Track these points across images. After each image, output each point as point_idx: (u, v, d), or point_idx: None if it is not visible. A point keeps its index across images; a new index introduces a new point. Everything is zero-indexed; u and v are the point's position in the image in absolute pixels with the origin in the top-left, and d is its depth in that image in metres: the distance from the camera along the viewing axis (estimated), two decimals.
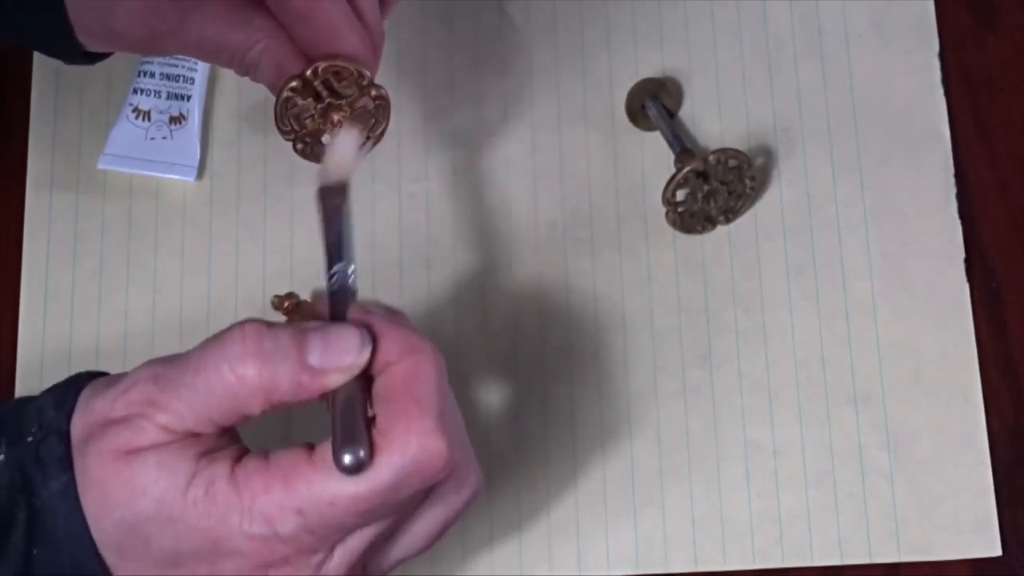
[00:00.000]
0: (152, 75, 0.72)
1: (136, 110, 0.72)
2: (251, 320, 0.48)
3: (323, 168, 0.55)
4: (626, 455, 0.67)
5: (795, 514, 0.67)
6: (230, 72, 0.59)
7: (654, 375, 0.68)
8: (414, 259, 0.70)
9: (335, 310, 0.51)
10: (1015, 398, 0.68)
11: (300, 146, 0.58)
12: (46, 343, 0.69)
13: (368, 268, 0.70)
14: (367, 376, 0.49)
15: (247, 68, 0.58)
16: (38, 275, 0.70)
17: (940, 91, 0.73)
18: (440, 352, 0.49)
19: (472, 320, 0.69)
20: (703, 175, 0.68)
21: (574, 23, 0.74)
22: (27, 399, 0.50)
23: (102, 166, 0.71)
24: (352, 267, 0.52)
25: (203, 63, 0.72)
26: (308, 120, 0.57)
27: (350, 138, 0.57)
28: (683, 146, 0.70)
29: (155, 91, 0.72)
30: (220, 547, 0.47)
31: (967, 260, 0.70)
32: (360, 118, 0.58)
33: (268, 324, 0.48)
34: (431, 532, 0.51)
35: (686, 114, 0.73)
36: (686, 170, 0.68)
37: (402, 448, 0.46)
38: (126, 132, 0.72)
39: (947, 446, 0.67)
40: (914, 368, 0.69)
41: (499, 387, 0.68)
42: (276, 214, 0.71)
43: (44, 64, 0.72)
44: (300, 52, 0.56)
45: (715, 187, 0.69)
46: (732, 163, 0.68)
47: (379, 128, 0.59)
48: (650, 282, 0.70)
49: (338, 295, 0.51)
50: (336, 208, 0.53)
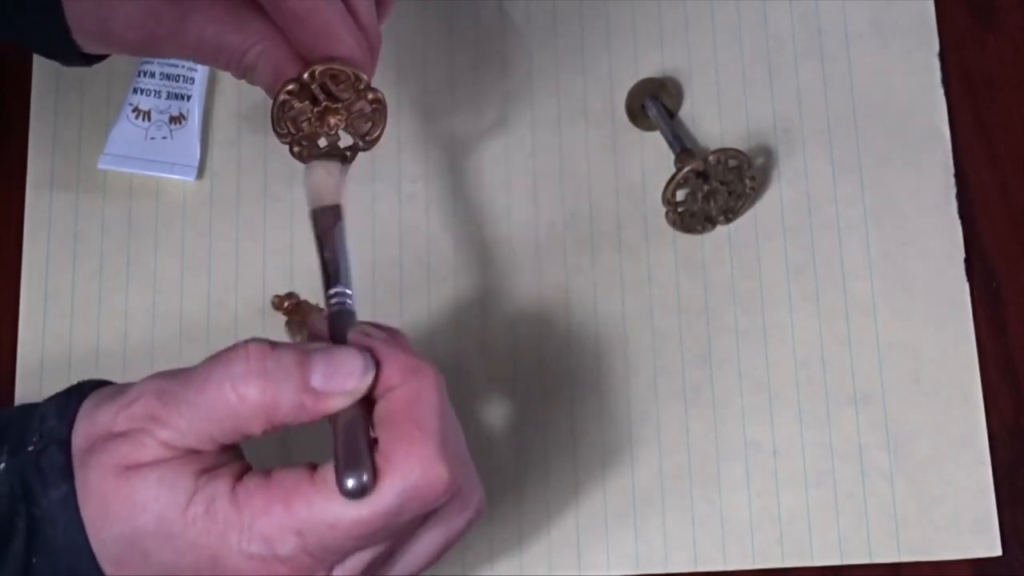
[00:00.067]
0: (152, 75, 0.72)
1: (136, 110, 0.72)
2: (255, 339, 0.48)
3: (309, 192, 0.55)
4: (626, 455, 0.67)
5: (795, 514, 0.67)
6: (225, 71, 0.59)
7: (654, 375, 0.68)
8: (414, 259, 0.70)
9: (335, 333, 0.51)
10: (1015, 398, 0.68)
11: (297, 149, 0.58)
12: (46, 343, 0.69)
13: (368, 268, 0.70)
14: (369, 399, 0.48)
15: (244, 71, 0.58)
16: (38, 275, 0.70)
17: (940, 91, 0.73)
18: (441, 373, 0.49)
19: (472, 320, 0.69)
20: (703, 175, 0.68)
21: (574, 23, 0.74)
22: (29, 406, 0.50)
23: (102, 166, 0.71)
24: (350, 291, 0.52)
25: (199, 64, 0.72)
26: (305, 123, 0.57)
27: (322, 171, 0.56)
28: (683, 146, 0.70)
29: (155, 91, 0.72)
30: (218, 565, 0.47)
31: (967, 260, 0.70)
32: (357, 122, 0.58)
33: (272, 344, 0.48)
34: (431, 552, 0.51)
35: (686, 114, 0.73)
36: (686, 170, 0.68)
37: (404, 473, 0.46)
38: (126, 132, 0.72)
39: (947, 446, 0.67)
40: (914, 368, 0.69)
41: (498, 386, 0.68)
42: (276, 214, 0.71)
43: (44, 64, 0.72)
44: (297, 55, 0.56)
45: (715, 187, 0.69)
46: (732, 163, 0.68)
47: (376, 132, 0.59)
48: (650, 282, 0.70)
49: (337, 317, 0.51)
50: (330, 230, 0.53)
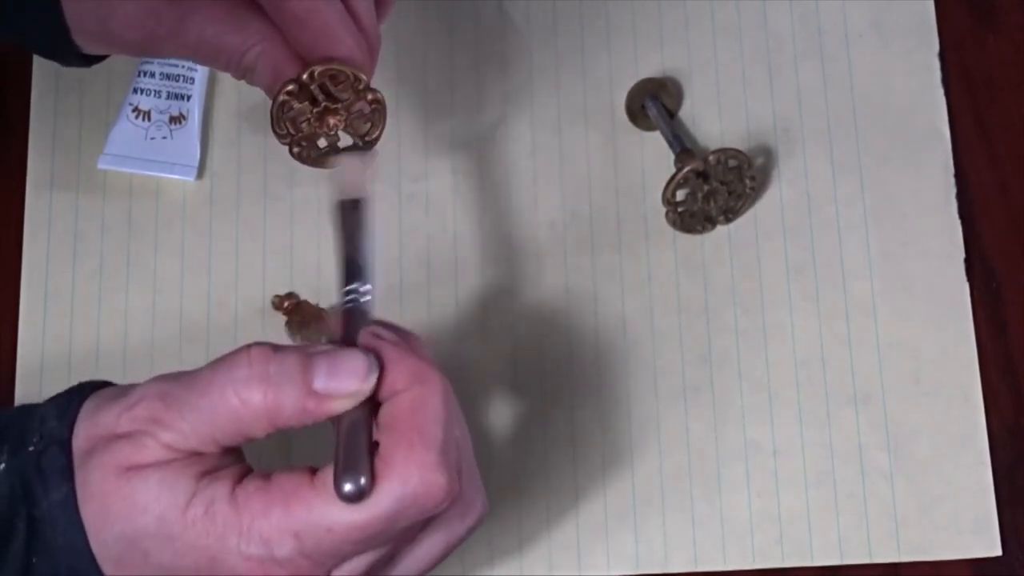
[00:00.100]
0: (152, 75, 0.72)
1: (136, 110, 0.72)
2: (258, 343, 0.48)
3: (335, 183, 0.55)
4: (626, 455, 0.67)
5: (795, 514, 0.67)
6: (225, 72, 0.59)
7: (654, 375, 0.68)
8: (414, 259, 0.70)
9: (347, 331, 0.50)
10: (1015, 398, 0.68)
11: (296, 150, 0.58)
12: (46, 343, 0.69)
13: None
14: (374, 402, 0.48)
15: (244, 71, 0.58)
16: (38, 275, 0.70)
17: (940, 91, 0.73)
18: (447, 380, 0.49)
19: (472, 320, 0.69)
20: (703, 175, 0.68)
21: (574, 23, 0.74)
22: (30, 407, 0.50)
23: (102, 166, 0.71)
24: (368, 286, 0.51)
25: (199, 65, 0.72)
26: (304, 124, 0.57)
27: (354, 162, 0.56)
28: (683, 146, 0.70)
29: (155, 91, 0.72)
30: (217, 567, 0.47)
31: (967, 260, 0.70)
32: (356, 122, 0.58)
33: (275, 347, 0.48)
34: (432, 557, 0.51)
35: (686, 114, 0.73)
36: (686, 170, 0.68)
37: (402, 479, 0.46)
38: (126, 132, 0.72)
39: (947, 446, 0.67)
40: (914, 368, 0.69)
41: (498, 386, 0.68)
42: (276, 214, 0.71)
43: (44, 64, 0.72)
44: (296, 55, 0.56)
45: (715, 187, 0.69)
46: (732, 163, 0.68)
47: (375, 132, 0.59)
48: (650, 282, 0.70)
49: (349, 316, 0.51)
50: (353, 225, 0.53)
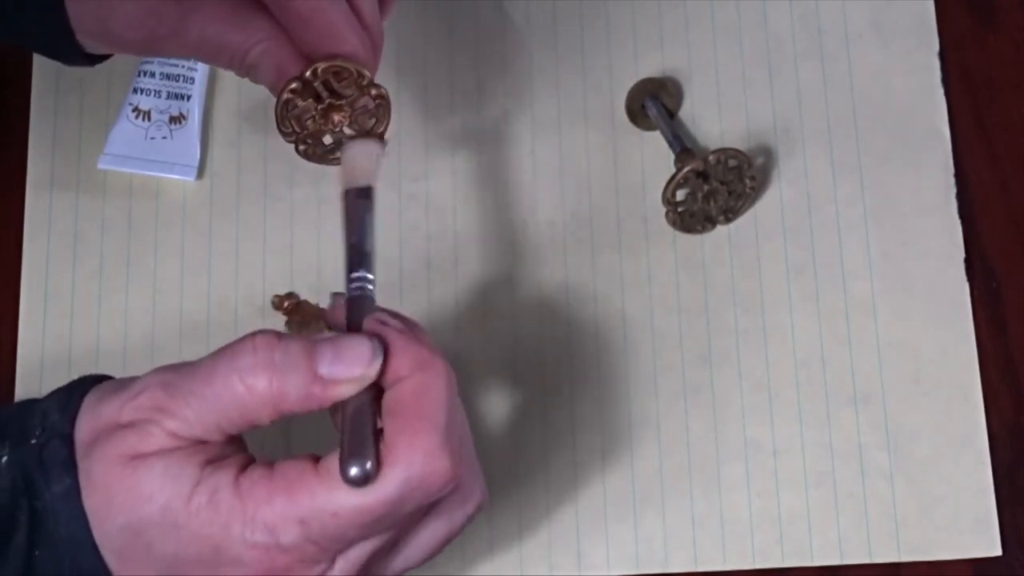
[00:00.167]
0: (152, 75, 0.72)
1: (136, 110, 0.72)
2: (263, 331, 0.48)
3: (344, 171, 0.55)
4: (626, 455, 0.67)
5: (795, 514, 0.67)
6: (230, 72, 0.59)
7: (654, 375, 0.68)
8: (414, 259, 0.70)
9: (351, 318, 0.51)
10: (1015, 398, 0.68)
11: (302, 147, 0.58)
12: (46, 343, 0.69)
13: None
14: (378, 388, 0.49)
15: (247, 70, 0.58)
16: (38, 275, 0.70)
17: (940, 91, 0.73)
18: (451, 368, 0.49)
19: (472, 320, 0.69)
20: (703, 175, 0.68)
21: (574, 23, 0.74)
22: (31, 401, 0.50)
23: (102, 166, 0.71)
24: (372, 276, 0.52)
25: (202, 63, 0.72)
26: (309, 121, 0.57)
27: (368, 146, 0.57)
28: (683, 146, 0.70)
29: (155, 91, 0.72)
30: (222, 555, 0.47)
31: (967, 260, 0.70)
32: (361, 118, 0.58)
33: (279, 335, 0.48)
34: (433, 544, 0.51)
35: (686, 114, 0.73)
36: (686, 170, 0.68)
37: (407, 463, 0.46)
38: (126, 132, 0.72)
39: (947, 446, 0.67)
40: (914, 368, 0.69)
41: (499, 386, 0.68)
42: (276, 214, 0.71)
43: (44, 64, 0.72)
44: (300, 53, 0.56)
45: (715, 187, 0.69)
46: (732, 163, 0.68)
47: (380, 127, 0.59)
48: (650, 282, 0.70)
49: (356, 303, 0.51)
50: (361, 213, 0.53)
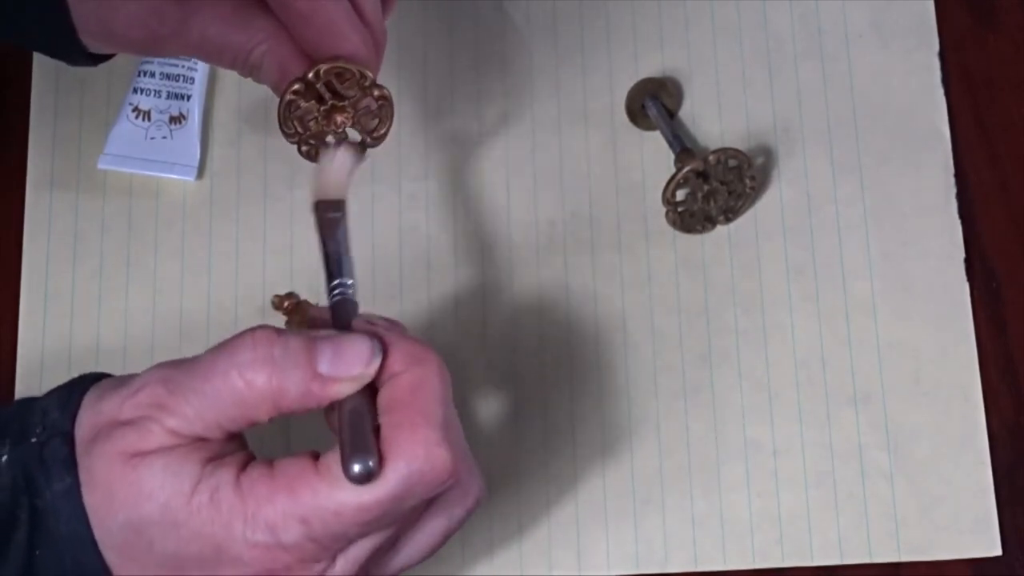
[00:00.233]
0: (152, 75, 0.72)
1: (136, 110, 0.72)
2: (262, 326, 0.48)
3: (316, 184, 0.55)
4: (626, 455, 0.67)
5: (795, 514, 0.67)
6: (230, 72, 0.59)
7: (654, 375, 0.68)
8: (414, 259, 0.70)
9: (338, 322, 0.51)
10: (1015, 398, 0.68)
11: (305, 148, 0.58)
12: (46, 343, 0.69)
13: (367, 268, 0.70)
14: (372, 386, 0.49)
15: (250, 69, 0.58)
16: (38, 275, 0.70)
17: (940, 91, 0.73)
18: (444, 363, 0.49)
19: (472, 320, 0.69)
20: (703, 175, 0.68)
21: (574, 23, 0.74)
22: (31, 399, 0.50)
23: (102, 166, 0.71)
24: (351, 281, 0.52)
25: (203, 63, 0.72)
26: (312, 122, 0.57)
27: (342, 159, 0.57)
28: (683, 146, 0.70)
29: (155, 91, 0.72)
30: (222, 554, 0.47)
31: (967, 260, 0.70)
32: (363, 119, 0.58)
33: (279, 331, 0.48)
34: (433, 541, 0.52)
35: (686, 114, 0.73)
36: (686, 170, 0.68)
37: (408, 458, 0.46)
38: (126, 132, 0.72)
39: (947, 446, 0.67)
40: (914, 368, 0.69)
41: (499, 386, 0.68)
42: (276, 214, 0.71)
43: (44, 64, 0.72)
44: (302, 53, 0.56)
45: (715, 187, 0.69)
46: (732, 163, 0.68)
47: (383, 128, 0.59)
48: (650, 282, 0.70)
49: (341, 306, 0.51)
50: (333, 223, 0.53)
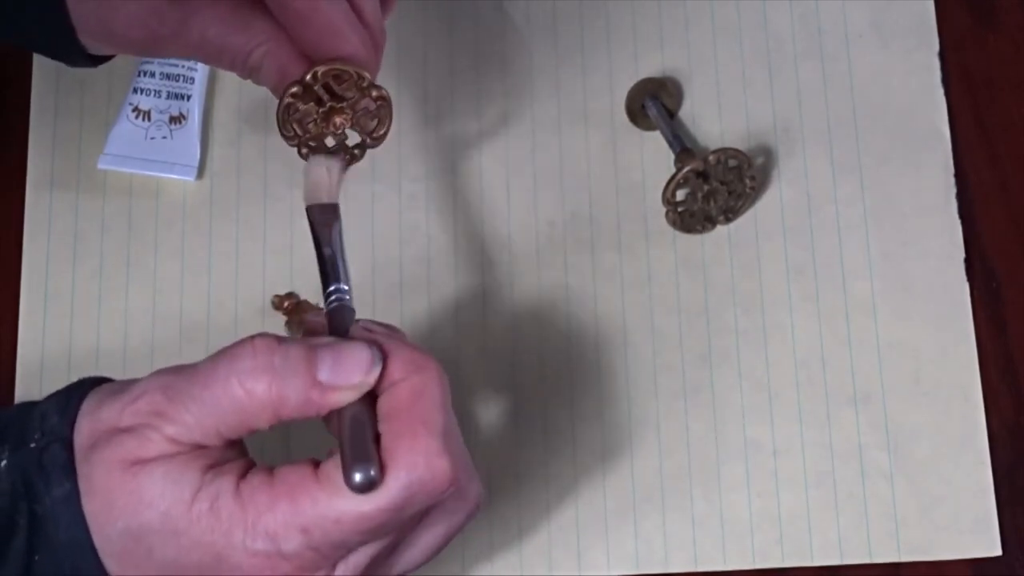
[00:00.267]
0: (152, 75, 0.72)
1: (136, 110, 0.72)
2: (262, 334, 0.48)
3: (304, 189, 0.55)
4: (626, 455, 0.67)
5: (795, 514, 0.67)
6: (230, 72, 0.59)
7: (654, 375, 0.68)
8: (414, 259, 0.70)
9: (335, 329, 0.51)
10: (1015, 398, 0.68)
11: (304, 151, 0.58)
12: (46, 343, 0.69)
13: (368, 268, 0.70)
14: (372, 393, 0.48)
15: (249, 71, 0.58)
16: (38, 275, 0.70)
17: (940, 91, 0.73)
18: (444, 370, 0.49)
19: (472, 320, 0.69)
20: (703, 175, 0.68)
21: (574, 23, 0.74)
22: (30, 404, 0.50)
23: (102, 166, 0.71)
24: (347, 287, 0.52)
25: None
26: (311, 125, 0.57)
27: (320, 169, 0.57)
28: (683, 146, 0.70)
29: (155, 91, 0.72)
30: (222, 562, 0.47)
31: (967, 260, 0.70)
32: (362, 120, 0.58)
33: (279, 339, 0.48)
34: (433, 546, 0.52)
35: (686, 114, 0.73)
36: (686, 170, 0.68)
37: (409, 467, 0.46)
38: (126, 132, 0.72)
39: (947, 446, 0.67)
40: (914, 368, 0.69)
41: (498, 386, 0.68)
42: (276, 214, 0.71)
43: (44, 64, 0.72)
44: (302, 54, 0.56)
45: (715, 187, 0.69)
46: (732, 163, 0.68)
47: (382, 129, 0.59)
48: (650, 282, 0.70)
49: (337, 314, 0.51)
50: (327, 228, 0.53)
